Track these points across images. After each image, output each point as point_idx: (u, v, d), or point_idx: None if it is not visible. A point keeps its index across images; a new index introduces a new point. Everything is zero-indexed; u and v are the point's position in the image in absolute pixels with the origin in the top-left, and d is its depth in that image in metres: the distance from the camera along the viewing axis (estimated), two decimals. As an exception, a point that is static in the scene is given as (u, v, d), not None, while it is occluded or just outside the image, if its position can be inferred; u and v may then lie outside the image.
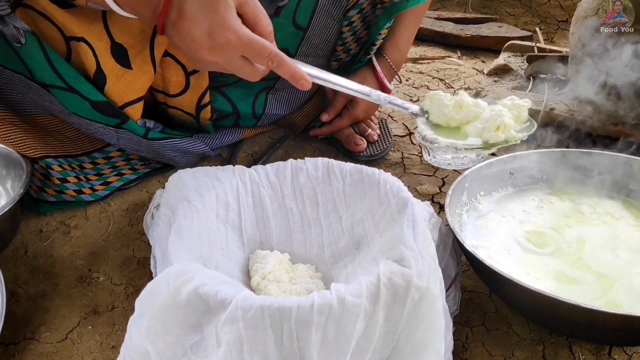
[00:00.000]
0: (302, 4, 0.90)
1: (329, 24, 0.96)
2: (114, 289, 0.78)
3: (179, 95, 0.92)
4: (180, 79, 0.89)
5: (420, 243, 0.57)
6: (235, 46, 0.64)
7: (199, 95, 0.92)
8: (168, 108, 0.95)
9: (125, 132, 0.88)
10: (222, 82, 0.97)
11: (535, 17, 1.90)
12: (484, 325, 0.72)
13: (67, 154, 0.92)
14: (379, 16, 0.97)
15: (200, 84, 0.91)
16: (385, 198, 0.68)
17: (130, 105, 0.85)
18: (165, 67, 0.87)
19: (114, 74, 0.82)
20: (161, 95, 0.93)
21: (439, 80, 1.46)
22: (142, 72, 0.84)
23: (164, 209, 0.70)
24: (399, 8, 0.93)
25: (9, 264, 0.81)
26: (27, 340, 0.70)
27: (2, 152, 0.87)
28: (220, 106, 0.99)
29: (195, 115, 0.96)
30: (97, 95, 0.82)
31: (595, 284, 0.68)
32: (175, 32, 0.65)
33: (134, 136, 0.89)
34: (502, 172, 0.86)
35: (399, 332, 0.53)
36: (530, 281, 0.67)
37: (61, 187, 0.90)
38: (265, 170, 0.77)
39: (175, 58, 0.87)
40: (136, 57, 0.82)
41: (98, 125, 0.86)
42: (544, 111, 1.13)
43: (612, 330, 0.59)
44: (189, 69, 0.88)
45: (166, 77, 0.89)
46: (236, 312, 0.49)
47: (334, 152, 1.10)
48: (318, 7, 0.92)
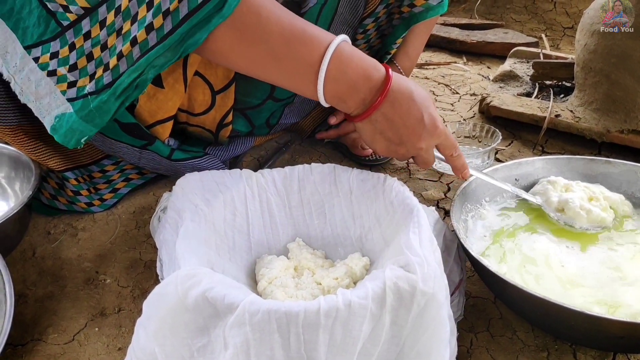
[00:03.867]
0: (323, 13, 0.90)
1: (345, 31, 0.97)
2: (121, 291, 0.78)
3: (203, 114, 0.91)
4: (207, 98, 0.88)
5: (426, 249, 0.57)
6: (439, 135, 0.72)
7: (223, 115, 0.91)
8: (188, 127, 0.95)
9: (149, 153, 0.88)
10: (247, 105, 0.95)
11: (541, 23, 1.90)
12: (488, 331, 0.72)
13: (80, 164, 0.92)
14: (397, 26, 0.98)
15: (225, 103, 0.90)
16: (391, 206, 0.69)
17: (159, 124, 0.85)
18: (193, 86, 0.86)
19: (146, 93, 0.80)
20: (184, 114, 0.91)
21: (445, 86, 1.46)
22: (174, 91, 0.82)
23: (171, 213, 0.71)
24: (418, 19, 0.94)
25: (17, 266, 0.82)
26: (35, 341, 0.71)
27: (11, 154, 0.88)
28: (240, 128, 0.98)
29: (215, 133, 0.95)
30: (127, 117, 0.81)
31: (598, 288, 0.68)
32: (384, 120, 0.71)
33: (157, 157, 0.88)
34: (507, 178, 0.86)
35: (404, 337, 0.54)
36: (534, 287, 0.67)
37: (73, 199, 0.91)
38: (272, 175, 0.77)
39: (204, 77, 0.85)
40: (169, 76, 0.81)
41: (123, 145, 0.85)
42: (549, 117, 1.14)
43: (617, 337, 0.59)
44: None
45: (192, 96, 0.88)
46: (243, 316, 0.50)
47: (340, 156, 1.11)
48: (337, 14, 0.92)
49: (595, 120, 1.11)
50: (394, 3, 0.94)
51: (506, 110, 1.20)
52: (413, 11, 0.93)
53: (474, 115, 1.29)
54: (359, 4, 0.93)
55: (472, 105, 1.34)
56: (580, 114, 1.14)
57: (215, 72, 0.85)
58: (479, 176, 0.81)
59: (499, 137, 1.04)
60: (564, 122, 1.13)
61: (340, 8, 0.91)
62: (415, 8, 0.93)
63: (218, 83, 0.87)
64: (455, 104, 1.36)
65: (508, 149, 1.14)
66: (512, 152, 1.13)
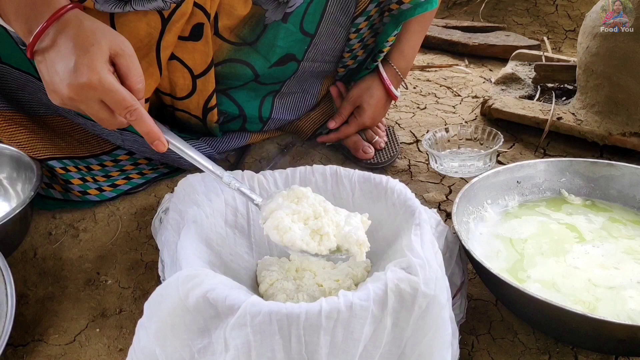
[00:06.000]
0: (309, 11, 0.90)
1: (337, 31, 0.97)
2: (122, 292, 0.78)
3: (186, 98, 0.93)
4: (187, 82, 0.90)
5: (427, 251, 0.57)
6: (96, 89, 0.62)
7: (206, 98, 0.93)
8: (175, 111, 0.96)
9: (130, 134, 0.89)
10: (229, 85, 0.97)
11: (543, 26, 1.90)
12: (489, 334, 0.72)
13: (74, 156, 0.92)
14: (387, 24, 0.98)
15: (206, 87, 0.91)
16: (393, 208, 0.69)
17: None
18: (172, 70, 0.88)
19: None
20: (168, 98, 0.93)
21: (447, 88, 1.46)
22: (148, 74, 0.84)
23: (173, 214, 0.71)
24: (406, 16, 0.94)
25: (18, 266, 0.82)
26: (36, 342, 0.71)
27: (13, 155, 0.88)
28: (227, 109, 1.00)
29: (202, 118, 0.97)
30: None
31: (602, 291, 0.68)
32: (42, 59, 0.64)
33: (138, 138, 0.89)
34: (509, 181, 0.86)
35: (405, 339, 0.54)
36: (536, 289, 0.67)
37: (65, 187, 0.91)
38: (273, 177, 0.77)
39: (182, 61, 0.88)
40: (142, 60, 0.82)
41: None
42: (551, 120, 1.14)
43: (618, 340, 0.59)
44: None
45: (173, 80, 0.90)
46: (244, 318, 0.50)
47: (341, 159, 1.11)
48: (326, 14, 0.92)
49: (597, 123, 1.11)
50: (386, 1, 0.94)
51: (508, 112, 1.20)
52: (401, 8, 0.94)
53: (476, 117, 1.29)
54: (350, 2, 0.93)
55: (474, 108, 1.34)
56: (582, 117, 1.14)
57: (192, 56, 0.87)
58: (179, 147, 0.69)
59: (501, 140, 1.04)
60: (565, 125, 1.13)
61: (330, 7, 0.92)
62: (403, 5, 0.93)
63: (197, 67, 0.88)
64: (457, 107, 1.35)
65: (510, 151, 1.14)
66: (513, 154, 1.13)
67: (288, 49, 0.95)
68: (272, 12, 0.89)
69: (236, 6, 0.85)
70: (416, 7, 0.93)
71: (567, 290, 0.68)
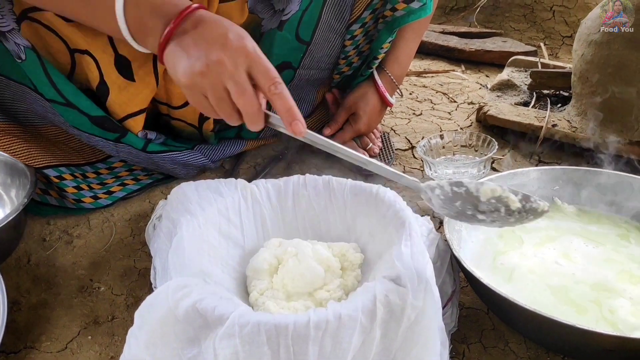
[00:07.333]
0: (305, 18, 0.91)
1: (332, 38, 0.98)
2: (115, 300, 0.79)
3: (182, 107, 0.93)
4: None
5: (417, 262, 0.58)
6: (248, 54, 0.61)
7: None
8: (171, 120, 0.96)
9: (124, 146, 0.89)
10: None
11: (539, 32, 1.91)
12: (481, 343, 0.72)
13: (70, 163, 0.93)
14: (381, 30, 0.98)
15: None
16: (383, 219, 0.69)
17: (132, 117, 0.87)
18: (168, 79, 0.88)
19: (117, 85, 0.83)
20: (164, 107, 0.94)
21: (443, 94, 1.47)
22: (145, 84, 0.85)
23: (166, 222, 0.71)
24: (400, 22, 0.94)
25: (11, 273, 0.82)
26: (28, 349, 0.71)
27: (7, 161, 0.88)
28: None
29: (198, 127, 0.97)
30: (96, 111, 0.83)
31: (591, 295, 0.68)
32: (186, 37, 0.62)
33: (133, 149, 0.90)
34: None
35: (394, 350, 0.54)
36: (527, 298, 0.67)
37: (61, 194, 0.91)
38: (266, 188, 0.77)
39: None
40: (139, 70, 0.83)
41: (98, 138, 0.87)
42: (546, 127, 1.14)
43: (607, 350, 0.59)
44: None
45: (169, 90, 0.90)
46: (233, 328, 0.50)
47: (338, 165, 1.11)
48: (321, 21, 0.93)
49: (592, 130, 1.11)
50: (380, 8, 0.95)
51: (503, 119, 1.20)
52: (395, 15, 0.94)
53: (471, 124, 1.29)
54: (345, 9, 0.93)
55: (469, 114, 1.34)
56: (577, 124, 1.15)
57: None
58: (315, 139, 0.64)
59: (495, 147, 1.04)
60: (560, 132, 1.14)
61: (325, 15, 0.92)
62: (397, 12, 0.93)
63: None
64: (453, 113, 1.36)
65: (504, 158, 1.14)
66: (508, 161, 1.13)
67: (284, 56, 0.96)
68: (268, 21, 0.89)
69: (233, 15, 0.86)
70: (410, 14, 0.93)
71: (560, 294, 0.68)
